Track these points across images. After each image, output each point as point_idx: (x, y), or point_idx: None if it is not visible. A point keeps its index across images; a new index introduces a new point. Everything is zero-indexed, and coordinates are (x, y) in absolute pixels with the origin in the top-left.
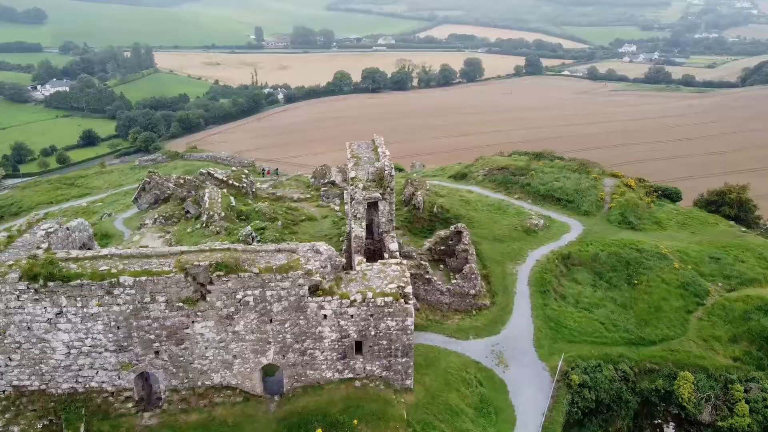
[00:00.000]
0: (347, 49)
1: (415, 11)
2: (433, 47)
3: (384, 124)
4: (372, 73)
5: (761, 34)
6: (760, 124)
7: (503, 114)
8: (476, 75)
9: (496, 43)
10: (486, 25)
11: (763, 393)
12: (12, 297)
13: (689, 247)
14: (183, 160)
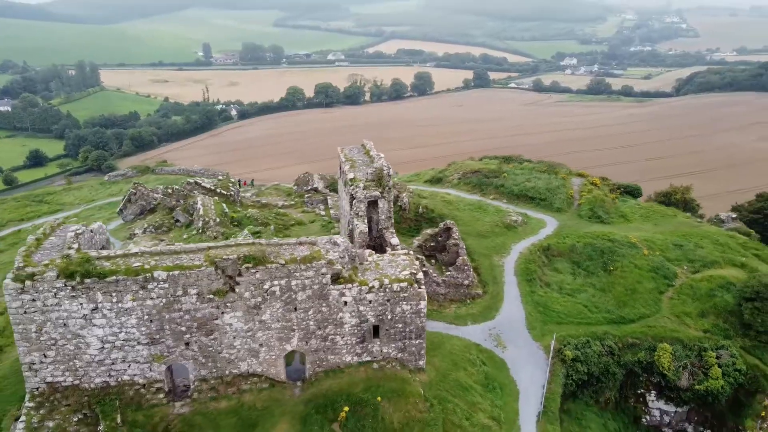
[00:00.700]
0: (297, 65)
1: (363, 27)
2: (383, 62)
3: (341, 138)
4: (325, 88)
5: (690, 47)
6: (696, 131)
7: (457, 125)
8: (427, 88)
9: (444, 57)
10: (433, 40)
11: (732, 358)
12: (49, 295)
13: (654, 237)
14: (154, 174)
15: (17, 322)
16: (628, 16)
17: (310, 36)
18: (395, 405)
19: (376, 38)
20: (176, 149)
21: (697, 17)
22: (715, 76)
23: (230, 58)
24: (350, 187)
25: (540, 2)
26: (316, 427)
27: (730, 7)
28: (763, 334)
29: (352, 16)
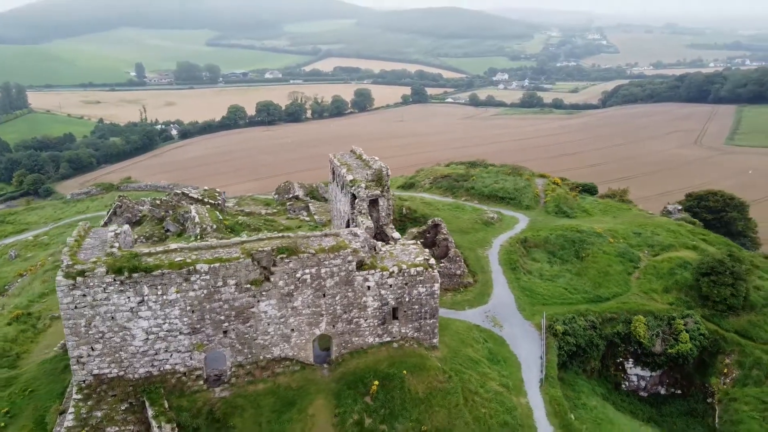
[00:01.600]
0: (234, 83)
1: (298, 46)
2: (321, 80)
3: (289, 155)
4: (266, 106)
5: (611, 62)
6: (624, 139)
7: (402, 139)
8: (367, 105)
9: (381, 74)
10: (369, 57)
11: (696, 324)
12: (99, 290)
13: (616, 227)
14: (119, 191)
15: (68, 317)
16: (553, 34)
17: (245, 55)
18: (418, 377)
19: (311, 56)
20: (117, 170)
21: (617, 34)
22: (637, 89)
23: (164, 78)
24: (352, 187)
25: (470, 20)
26: (349, 400)
27: (645, 24)
28: (719, 304)
29: (286, 35)
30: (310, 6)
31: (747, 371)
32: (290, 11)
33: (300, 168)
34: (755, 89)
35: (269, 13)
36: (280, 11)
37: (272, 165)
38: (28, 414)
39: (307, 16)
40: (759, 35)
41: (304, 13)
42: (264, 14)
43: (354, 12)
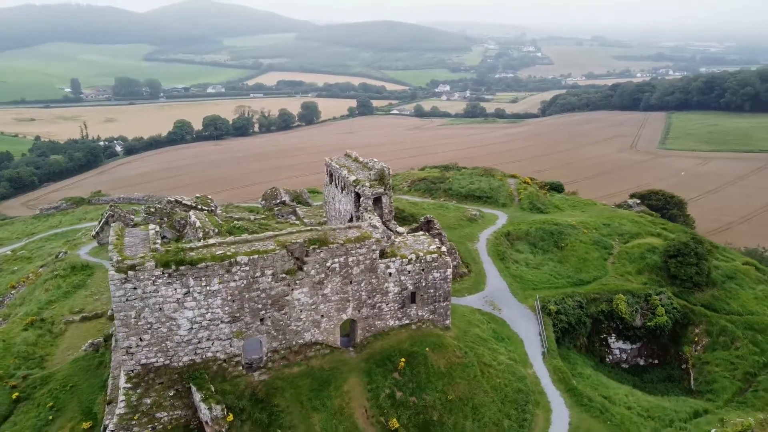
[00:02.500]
0: (176, 99)
1: (239, 60)
2: (266, 93)
3: (243, 167)
4: (213, 120)
5: (546, 73)
6: (566, 146)
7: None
8: (314, 117)
9: (325, 87)
10: (311, 71)
11: (669, 300)
12: (148, 282)
13: (587, 220)
14: (91, 205)
15: (119, 309)
16: (490, 46)
17: (185, 69)
18: (438, 354)
19: (254, 70)
20: (62, 188)
21: (549, 46)
22: (574, 98)
23: (102, 94)
24: (356, 186)
25: (408, 33)
26: (380, 377)
27: (575, 37)
28: (686, 281)
29: (225, 49)
30: (249, 20)
31: (715, 338)
32: (229, 25)
33: (258, 180)
34: (681, 97)
35: (207, 27)
36: (218, 25)
37: (226, 179)
38: (73, 407)
39: (246, 31)
40: (679, 47)
41: (243, 28)
42: (202, 29)
43: (294, 26)
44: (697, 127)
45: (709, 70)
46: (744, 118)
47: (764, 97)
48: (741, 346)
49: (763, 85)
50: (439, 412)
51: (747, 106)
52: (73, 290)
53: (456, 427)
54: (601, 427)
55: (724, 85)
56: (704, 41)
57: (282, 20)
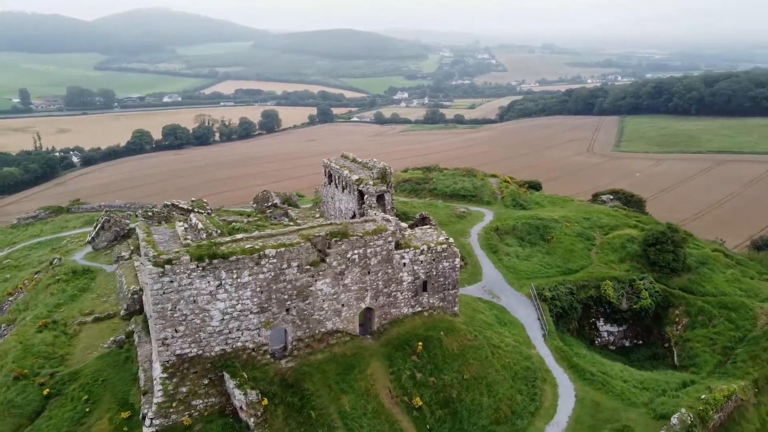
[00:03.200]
0: (131, 108)
1: (194, 69)
2: (224, 102)
3: (207, 176)
4: (173, 129)
5: (501, 79)
6: (526, 150)
7: (318, 157)
8: (275, 126)
9: (284, 95)
10: (268, 79)
11: (651, 284)
12: (184, 276)
13: (568, 214)
14: (71, 213)
15: (156, 302)
16: (445, 54)
17: (138, 79)
18: (452, 338)
19: (210, 79)
20: (19, 200)
21: (503, 54)
22: (530, 103)
23: (53, 104)
24: (360, 185)
25: (365, 42)
26: (400, 360)
27: (526, 45)
28: (665, 267)
29: (179, 58)
30: (203, 29)
31: (694, 318)
32: (182, 34)
33: (225, 188)
34: (632, 101)
35: (159, 36)
36: (171, 34)
37: (191, 187)
38: (108, 399)
39: (200, 39)
40: (625, 54)
41: (197, 36)
42: (154, 37)
43: (249, 34)
44: (649, 130)
45: (655, 75)
46: (691, 121)
47: (708, 101)
48: (718, 324)
49: (707, 89)
50: (457, 390)
51: (693, 109)
52: (79, 293)
53: (474, 402)
54: (604, 398)
55: (671, 90)
56: (648, 48)
57: (237, 28)
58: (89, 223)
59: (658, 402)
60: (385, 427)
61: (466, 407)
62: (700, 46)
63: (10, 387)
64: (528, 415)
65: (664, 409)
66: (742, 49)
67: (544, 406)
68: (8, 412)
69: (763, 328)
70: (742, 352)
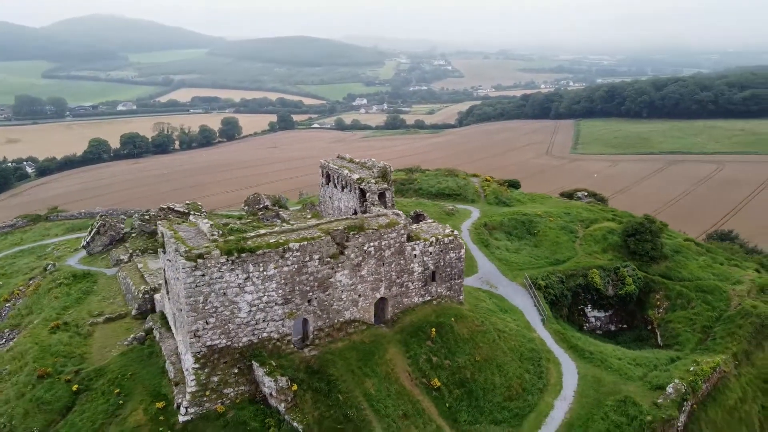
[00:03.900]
0: (84, 117)
1: (148, 76)
2: (181, 110)
3: (171, 184)
4: (132, 138)
5: (458, 85)
6: (488, 153)
7: (286, 163)
8: (235, 133)
9: (242, 103)
10: (225, 87)
11: (633, 271)
12: (214, 269)
13: (549, 210)
14: (50, 222)
15: (189, 295)
16: (402, 60)
17: (90, 87)
18: (461, 323)
19: (164, 87)
20: None
21: (459, 60)
22: (489, 108)
23: (1, 114)
24: (362, 183)
25: (322, 49)
26: (415, 345)
27: (482, 51)
28: (644, 256)
29: (132, 66)
30: (156, 36)
31: (673, 301)
32: (134, 41)
33: (190, 196)
34: (587, 105)
35: (111, 43)
36: (123, 41)
37: (154, 196)
38: (140, 391)
39: (153, 46)
40: (576, 60)
41: (150, 43)
42: (106, 44)
43: (204, 42)
44: (603, 133)
45: (605, 80)
46: (643, 124)
47: (658, 104)
48: (696, 306)
49: (657, 93)
50: (470, 371)
51: (644, 112)
52: (84, 296)
53: (487, 382)
54: (603, 374)
55: (623, 94)
56: (598, 54)
57: (191, 36)
58: (71, 230)
59: (652, 375)
60: (408, 406)
61: (481, 386)
62: (646, 52)
63: (35, 385)
64: (537, 391)
65: (659, 381)
66: (686, 55)
67: (551, 383)
68: (38, 408)
69: (736, 308)
70: (720, 330)
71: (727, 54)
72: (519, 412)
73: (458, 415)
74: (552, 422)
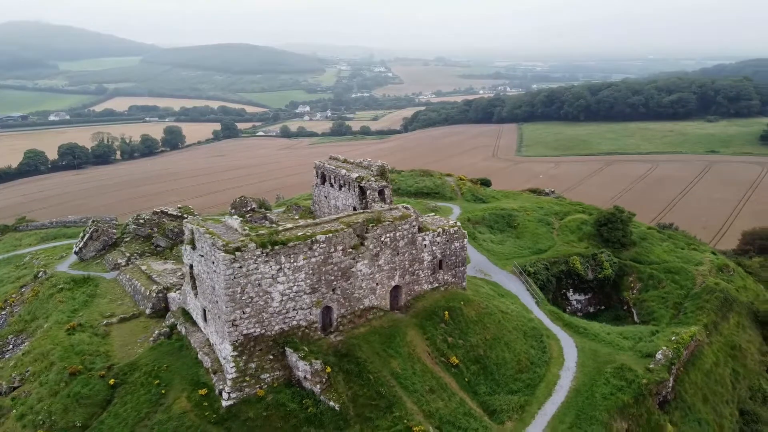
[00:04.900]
0: (13, 128)
1: (80, 85)
2: (118, 120)
3: (121, 194)
4: (71, 149)
5: (399, 91)
6: (436, 157)
7: (238, 171)
8: (178, 142)
9: (182, 111)
10: (162, 95)
11: (609, 257)
12: (251, 261)
13: (524, 205)
14: (18, 232)
15: (228, 287)
16: (343, 68)
17: (17, 97)
18: (469, 307)
19: (98, 96)
20: None
21: (399, 67)
22: (434, 113)
23: None
24: (361, 182)
25: (261, 56)
26: (431, 328)
27: (420, 58)
28: (616, 243)
29: (62, 74)
30: (87, 43)
31: (645, 282)
32: (64, 49)
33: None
34: (528, 110)
35: (38, 50)
36: (51, 49)
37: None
38: (179, 380)
39: (84, 54)
40: (511, 66)
41: (80, 51)
42: (33, 52)
43: (137, 49)
44: (545, 136)
45: (540, 86)
46: (581, 127)
47: (594, 108)
48: (666, 285)
49: (593, 97)
50: (483, 349)
51: (582, 116)
52: (90, 299)
53: (499, 358)
54: (598, 346)
55: (562, 99)
56: (531, 61)
57: (123, 43)
58: (45, 239)
59: (641, 346)
60: (432, 382)
61: (494, 362)
62: (576, 59)
63: (68, 383)
64: (543, 363)
65: (647, 349)
66: (613, 61)
67: (554, 357)
68: (77, 403)
69: (701, 286)
70: (690, 305)
71: (649, 60)
72: (530, 383)
73: (477, 387)
74: (561, 390)
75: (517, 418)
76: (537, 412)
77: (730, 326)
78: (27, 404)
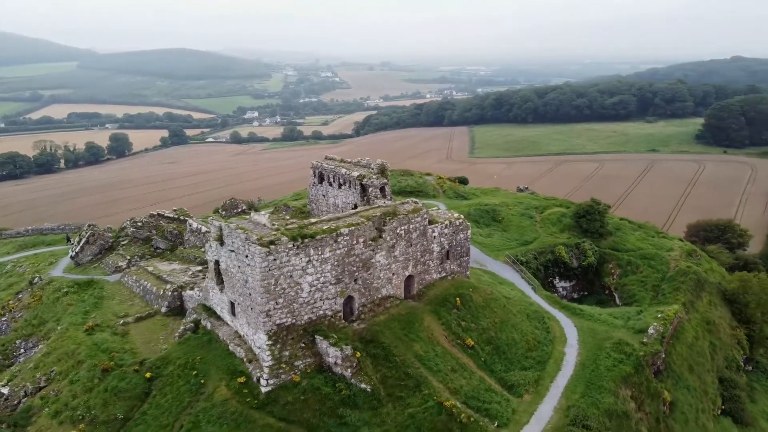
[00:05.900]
0: None
1: (12, 92)
2: (57, 127)
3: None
4: (11, 158)
5: (347, 96)
6: (391, 160)
7: (193, 177)
8: (125, 150)
9: (126, 118)
10: (103, 102)
11: (590, 246)
12: (284, 254)
13: (505, 200)
14: None
15: (263, 278)
16: (289, 73)
17: None
18: (476, 293)
19: (33, 103)
20: None
21: (345, 72)
22: (385, 117)
23: None
24: (363, 179)
25: (205, 62)
26: (445, 313)
27: (366, 63)
28: (594, 233)
29: None
30: (18, 48)
31: (624, 268)
32: None
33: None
34: (478, 113)
35: None
36: None
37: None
38: (215, 371)
39: (15, 60)
40: (456, 70)
41: (10, 57)
42: None
43: (73, 54)
44: (496, 138)
45: (485, 90)
46: (530, 128)
47: (542, 110)
48: (643, 270)
49: (540, 100)
50: (494, 331)
51: (530, 118)
52: (99, 301)
53: (509, 338)
54: (595, 325)
55: (510, 101)
56: (474, 65)
57: (57, 48)
58: (23, 247)
59: (631, 323)
60: (452, 362)
61: (505, 342)
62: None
63: (101, 378)
64: (549, 342)
65: (638, 326)
66: (552, 66)
67: (557, 336)
68: (116, 396)
69: (675, 269)
70: (667, 287)
71: (585, 65)
72: (540, 359)
73: (493, 366)
74: (568, 364)
75: (533, 391)
76: (550, 385)
77: (704, 304)
78: (60, 402)
